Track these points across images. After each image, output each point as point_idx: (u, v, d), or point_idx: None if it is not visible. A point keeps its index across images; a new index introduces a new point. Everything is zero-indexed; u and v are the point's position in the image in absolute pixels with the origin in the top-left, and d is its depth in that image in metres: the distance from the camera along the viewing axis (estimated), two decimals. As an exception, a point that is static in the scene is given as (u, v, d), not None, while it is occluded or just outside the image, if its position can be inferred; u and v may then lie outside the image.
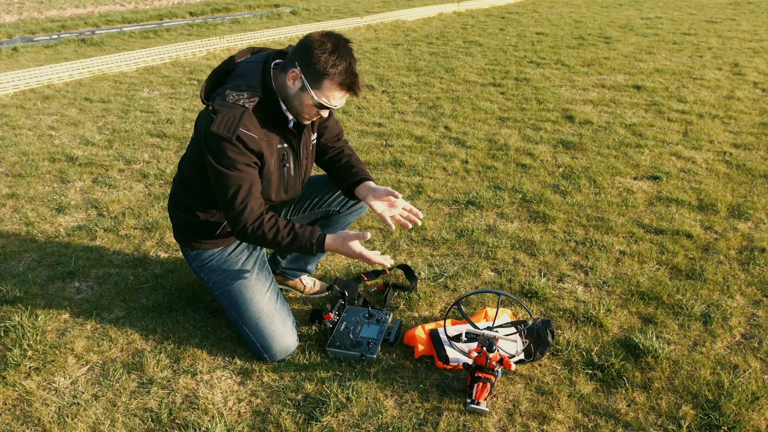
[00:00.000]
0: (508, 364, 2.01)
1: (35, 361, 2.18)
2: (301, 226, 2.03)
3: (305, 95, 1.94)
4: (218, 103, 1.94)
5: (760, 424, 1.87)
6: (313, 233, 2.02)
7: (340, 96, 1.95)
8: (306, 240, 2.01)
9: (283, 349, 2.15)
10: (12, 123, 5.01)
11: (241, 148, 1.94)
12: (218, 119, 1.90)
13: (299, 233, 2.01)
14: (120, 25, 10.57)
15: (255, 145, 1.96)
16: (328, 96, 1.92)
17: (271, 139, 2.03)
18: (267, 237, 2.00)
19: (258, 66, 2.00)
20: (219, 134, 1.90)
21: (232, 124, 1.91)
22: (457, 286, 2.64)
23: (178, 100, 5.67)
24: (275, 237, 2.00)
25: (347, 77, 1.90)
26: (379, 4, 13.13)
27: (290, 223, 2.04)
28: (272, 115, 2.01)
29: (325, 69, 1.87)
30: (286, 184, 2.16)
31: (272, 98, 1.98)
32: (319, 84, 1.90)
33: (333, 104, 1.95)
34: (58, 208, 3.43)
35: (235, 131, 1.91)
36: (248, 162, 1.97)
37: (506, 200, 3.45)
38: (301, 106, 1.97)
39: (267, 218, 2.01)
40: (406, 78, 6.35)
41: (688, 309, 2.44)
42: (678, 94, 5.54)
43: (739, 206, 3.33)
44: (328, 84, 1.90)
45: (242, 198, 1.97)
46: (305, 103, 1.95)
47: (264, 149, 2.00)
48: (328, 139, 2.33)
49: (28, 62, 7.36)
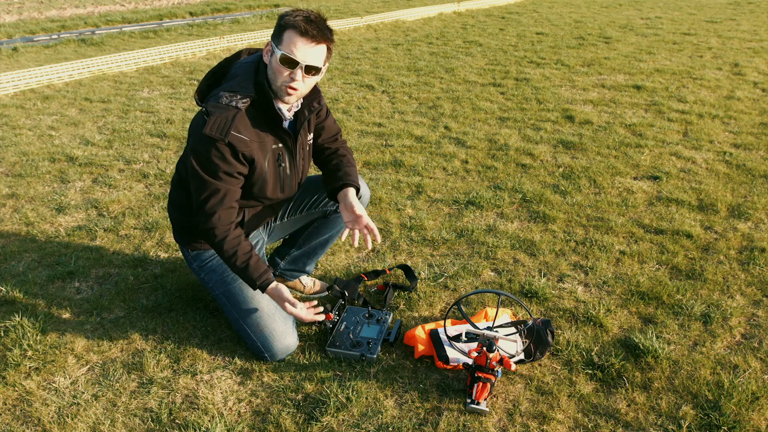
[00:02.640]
0: (508, 364, 2.01)
1: (35, 361, 2.18)
2: (257, 261, 2.04)
3: (274, 58, 1.90)
4: (212, 104, 1.94)
5: (760, 424, 1.87)
6: (263, 275, 2.03)
7: (301, 43, 1.85)
8: (255, 277, 2.03)
9: (284, 348, 2.16)
10: (12, 123, 5.01)
11: (227, 155, 1.94)
12: (211, 121, 1.91)
13: (252, 266, 2.02)
14: (120, 25, 10.56)
15: (245, 149, 1.96)
16: (287, 44, 1.85)
17: (265, 139, 2.03)
18: (224, 253, 2.02)
19: (251, 66, 2.00)
20: (211, 136, 1.91)
21: (224, 126, 1.91)
22: (457, 286, 2.63)
23: (178, 100, 5.67)
24: (231, 257, 2.02)
25: (303, 21, 1.84)
26: (379, 4, 13.13)
27: (251, 252, 2.04)
28: (266, 114, 2.00)
29: (283, 21, 1.87)
30: (282, 183, 2.16)
31: (265, 97, 1.97)
32: (280, 37, 1.87)
33: (297, 54, 1.85)
34: (58, 208, 3.43)
35: (227, 134, 1.91)
36: (230, 171, 1.98)
37: (506, 200, 3.45)
38: (275, 75, 1.92)
39: (232, 236, 2.02)
40: (406, 78, 6.34)
41: (688, 309, 2.44)
42: (678, 94, 5.54)
43: (739, 206, 3.33)
44: (286, 33, 1.86)
45: (212, 205, 1.99)
46: (275, 67, 1.90)
47: (255, 152, 2.00)
48: (325, 139, 2.32)
49: (28, 62, 7.36)
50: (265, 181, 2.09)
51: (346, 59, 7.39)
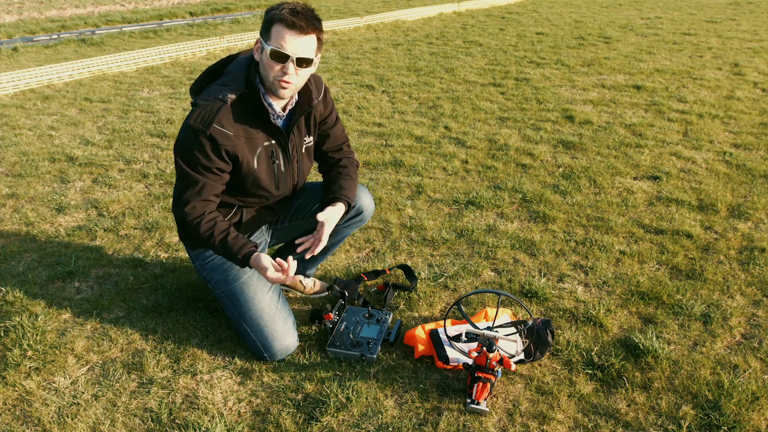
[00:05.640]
0: (508, 364, 2.01)
1: (35, 361, 2.18)
2: (236, 237, 2.01)
3: (264, 53, 1.90)
4: (201, 97, 1.97)
5: (760, 424, 1.87)
6: (243, 247, 1.99)
7: (289, 36, 1.83)
8: (235, 251, 1.99)
9: (284, 348, 2.16)
10: (12, 123, 5.01)
11: (208, 149, 1.95)
12: (196, 112, 1.93)
13: (230, 242, 1.99)
14: (120, 25, 10.57)
15: (228, 143, 1.96)
16: (276, 39, 1.85)
17: (254, 135, 2.03)
18: (201, 235, 2.01)
19: (245, 62, 2.02)
20: (194, 127, 1.92)
21: (208, 117, 1.92)
22: (457, 286, 2.63)
23: (178, 100, 5.67)
24: (208, 238, 2.01)
25: (289, 14, 1.83)
26: (379, 4, 13.13)
27: (228, 229, 2.02)
28: (254, 109, 2.00)
29: (269, 16, 1.87)
30: (276, 180, 2.16)
31: (254, 91, 1.97)
32: (269, 32, 1.87)
33: (287, 48, 1.84)
34: (58, 208, 3.43)
35: (209, 125, 1.92)
36: (210, 166, 1.98)
37: (506, 200, 3.45)
38: (266, 70, 1.91)
39: (207, 219, 2.01)
40: (406, 78, 6.34)
41: (688, 309, 2.44)
42: (678, 94, 5.54)
43: (739, 206, 3.33)
44: (274, 28, 1.85)
45: (188, 196, 2.00)
46: (266, 62, 1.90)
47: (240, 147, 2.00)
48: (328, 147, 2.32)
49: (28, 62, 7.36)
50: (256, 178, 2.10)
51: (346, 59, 7.39)
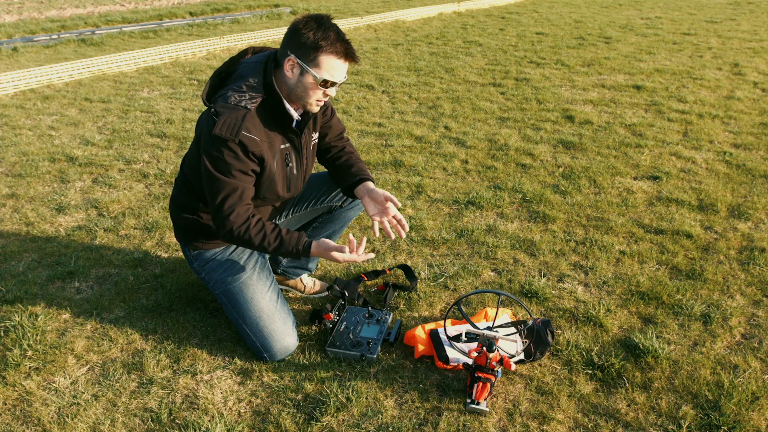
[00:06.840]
0: (508, 364, 2.01)
1: (35, 361, 2.18)
2: (288, 232, 2.04)
3: (306, 78, 1.92)
4: (220, 104, 1.94)
5: (760, 424, 1.87)
6: (299, 239, 2.03)
7: (340, 66, 1.92)
8: (293, 246, 2.02)
9: (283, 348, 2.16)
10: (12, 123, 5.01)
11: (239, 153, 1.94)
12: (221, 121, 1.91)
13: (285, 239, 2.02)
14: (120, 25, 10.56)
15: (256, 148, 1.96)
16: (329, 69, 1.90)
17: (274, 139, 2.04)
18: (253, 241, 2.01)
19: (259, 66, 2.00)
20: (221, 136, 1.90)
21: (235, 126, 1.91)
22: (457, 286, 2.64)
23: (178, 100, 5.67)
24: (262, 241, 2.01)
25: (340, 44, 1.89)
26: (379, 4, 13.13)
27: (277, 227, 2.04)
28: (274, 115, 2.01)
29: (316, 44, 1.87)
30: (288, 182, 2.16)
31: (275, 98, 1.98)
32: (316, 60, 1.89)
33: (336, 77, 1.93)
34: (58, 208, 3.43)
35: (237, 134, 1.91)
36: (244, 169, 1.97)
37: (506, 200, 3.45)
38: (306, 92, 1.95)
39: (254, 222, 2.01)
40: (406, 78, 6.34)
41: (688, 309, 2.44)
42: (678, 94, 5.54)
43: (739, 206, 3.33)
44: (324, 57, 1.89)
45: (231, 204, 1.98)
46: (309, 86, 1.94)
47: (265, 152, 2.00)
48: (331, 138, 2.33)
49: (28, 62, 7.36)
50: (273, 182, 2.10)
51: (346, 59, 7.39)
